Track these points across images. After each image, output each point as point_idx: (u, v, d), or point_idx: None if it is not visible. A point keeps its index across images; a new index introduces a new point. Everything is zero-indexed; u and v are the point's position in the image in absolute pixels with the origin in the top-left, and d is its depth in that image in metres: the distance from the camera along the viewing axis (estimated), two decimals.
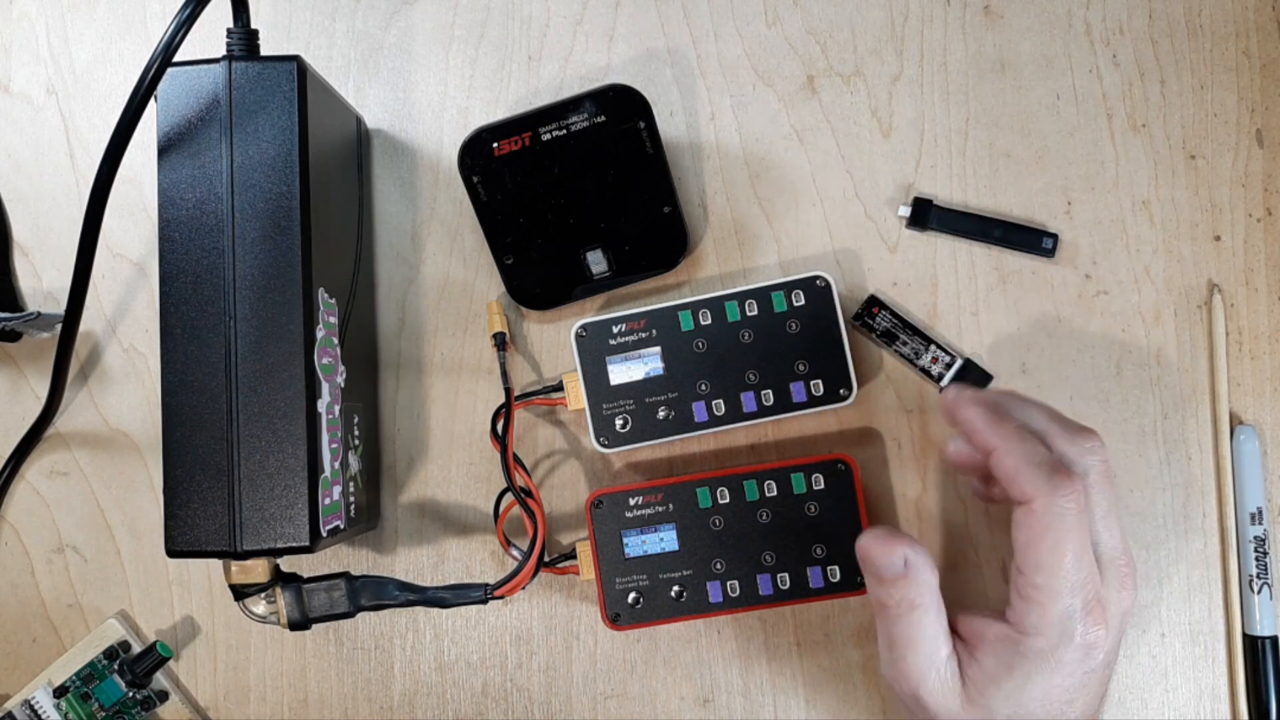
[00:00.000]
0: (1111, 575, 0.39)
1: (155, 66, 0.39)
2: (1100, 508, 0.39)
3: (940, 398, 0.42)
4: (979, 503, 0.49)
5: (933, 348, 0.49)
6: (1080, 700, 0.38)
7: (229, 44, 0.42)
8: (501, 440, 0.47)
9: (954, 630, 0.40)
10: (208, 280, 0.40)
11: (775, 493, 0.47)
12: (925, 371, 0.49)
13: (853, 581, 0.46)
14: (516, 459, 0.48)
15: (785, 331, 0.47)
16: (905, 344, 0.49)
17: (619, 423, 0.47)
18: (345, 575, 0.44)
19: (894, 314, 0.49)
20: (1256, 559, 0.48)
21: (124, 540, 0.51)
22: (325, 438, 0.42)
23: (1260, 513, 0.48)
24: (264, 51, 0.42)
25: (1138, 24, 0.50)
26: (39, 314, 0.49)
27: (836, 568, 0.46)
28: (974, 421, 0.40)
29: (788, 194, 0.50)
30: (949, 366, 0.49)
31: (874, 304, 0.49)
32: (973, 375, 0.49)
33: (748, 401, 0.47)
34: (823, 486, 0.47)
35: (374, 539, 0.50)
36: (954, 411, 0.41)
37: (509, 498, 0.48)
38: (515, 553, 0.48)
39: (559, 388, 0.48)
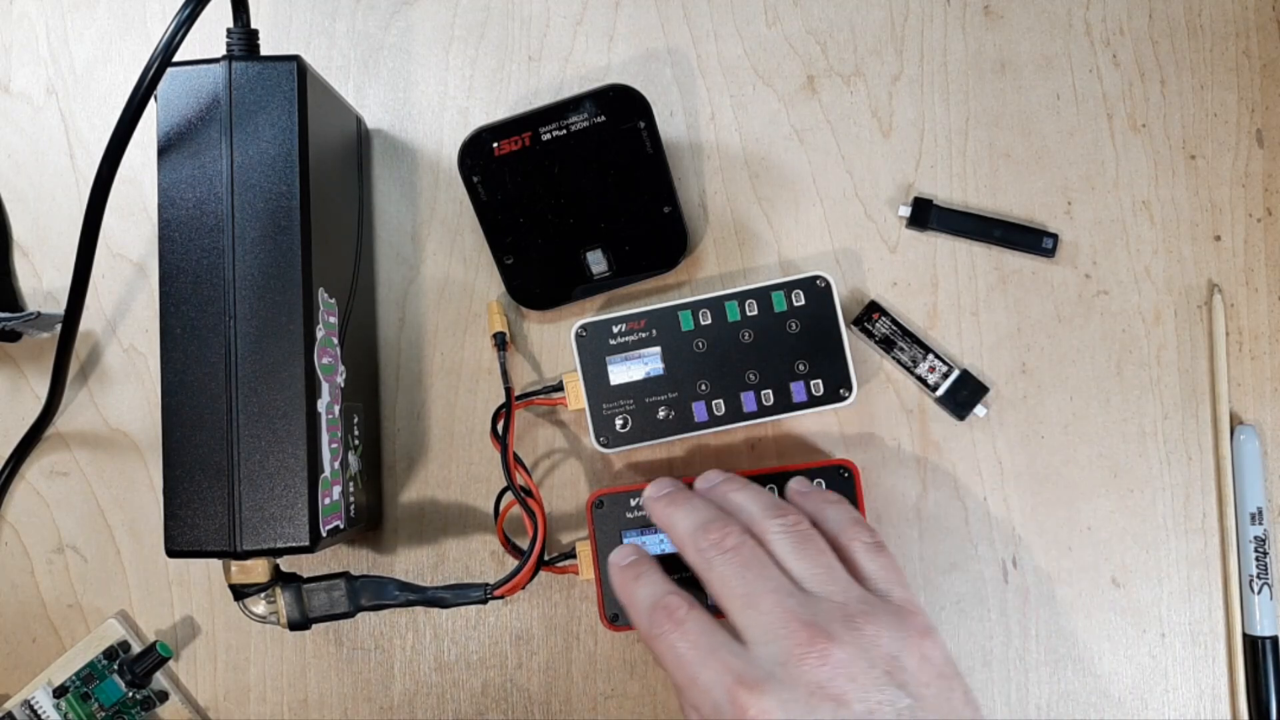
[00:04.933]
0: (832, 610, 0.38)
1: (155, 66, 0.38)
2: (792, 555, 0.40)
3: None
4: (979, 504, 0.50)
5: (930, 357, 0.49)
6: None
7: (229, 44, 0.42)
8: (502, 440, 0.47)
9: None
10: (208, 280, 0.40)
11: (776, 494, 0.47)
12: (922, 380, 0.49)
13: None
14: (517, 458, 0.48)
15: (785, 331, 0.47)
16: (904, 351, 0.49)
17: (619, 423, 0.47)
18: (345, 575, 0.44)
19: (894, 321, 0.49)
20: (1256, 559, 0.48)
21: (124, 540, 0.51)
22: (325, 438, 0.42)
23: (1260, 513, 0.48)
24: (264, 51, 0.42)
25: (1138, 24, 0.50)
26: (39, 314, 0.49)
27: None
28: (647, 503, 0.44)
29: (788, 194, 0.50)
30: (945, 376, 0.49)
31: (874, 310, 0.49)
32: (969, 386, 0.49)
33: (748, 401, 0.47)
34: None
35: (374, 539, 0.50)
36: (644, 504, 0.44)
37: (509, 497, 0.48)
38: (515, 551, 0.48)
39: (559, 388, 0.48)
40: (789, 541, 0.40)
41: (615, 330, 0.47)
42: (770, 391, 0.47)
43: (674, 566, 0.46)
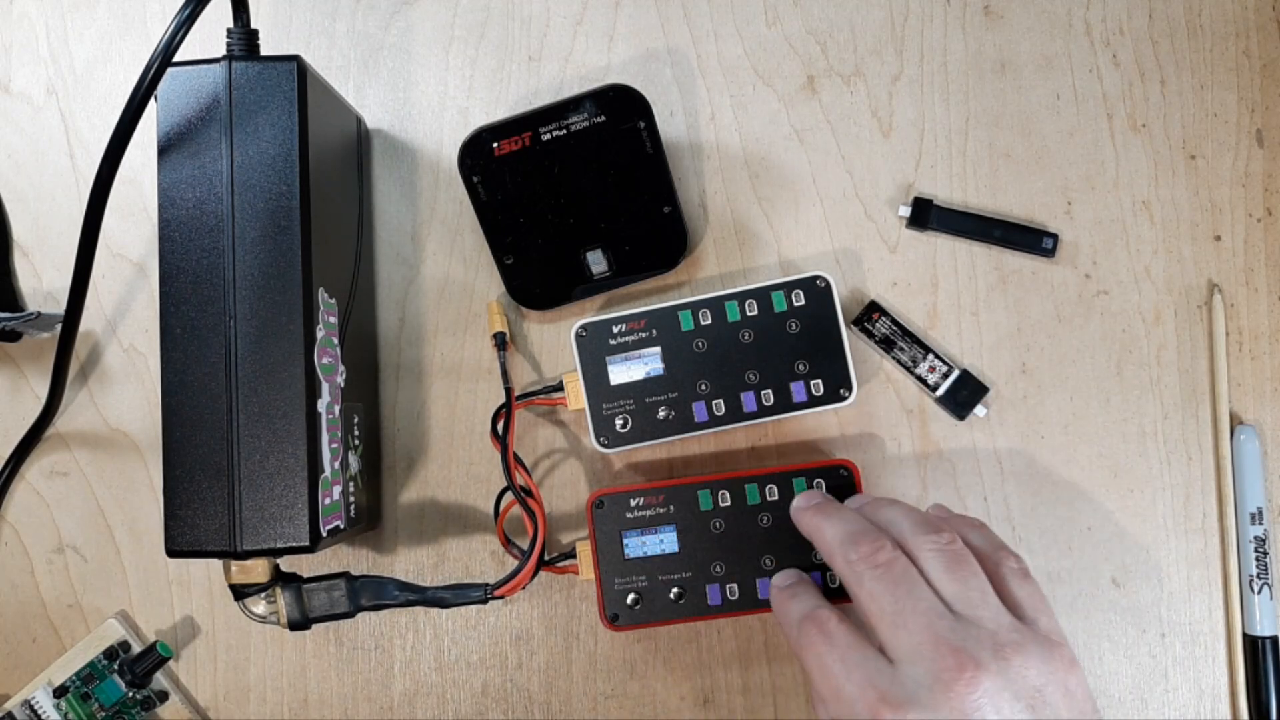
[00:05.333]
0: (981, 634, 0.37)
1: (155, 66, 0.38)
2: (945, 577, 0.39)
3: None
4: (979, 504, 0.50)
5: (930, 357, 0.49)
6: None
7: (229, 44, 0.42)
8: (502, 440, 0.47)
9: None
10: (208, 280, 0.40)
11: (777, 497, 0.47)
12: (922, 380, 0.49)
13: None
14: (517, 458, 0.48)
15: (785, 331, 0.47)
16: (904, 351, 0.49)
17: (619, 423, 0.47)
18: (345, 575, 0.44)
19: (894, 321, 0.49)
20: (1256, 559, 0.48)
21: (124, 540, 0.51)
22: (325, 438, 0.42)
23: (1260, 513, 0.48)
24: (264, 51, 0.42)
25: (1138, 24, 0.50)
26: (39, 314, 0.49)
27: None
28: (798, 515, 0.44)
29: (788, 194, 0.50)
30: (945, 376, 0.49)
31: (874, 310, 0.49)
32: (969, 386, 0.49)
33: (748, 401, 0.47)
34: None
35: (374, 539, 0.50)
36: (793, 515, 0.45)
37: (509, 497, 0.48)
38: (516, 552, 0.48)
39: (559, 388, 0.48)
40: (942, 561, 0.39)
41: (615, 330, 0.47)
42: (770, 391, 0.47)
43: (674, 568, 0.47)
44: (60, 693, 0.49)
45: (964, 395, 0.49)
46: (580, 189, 0.48)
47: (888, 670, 0.36)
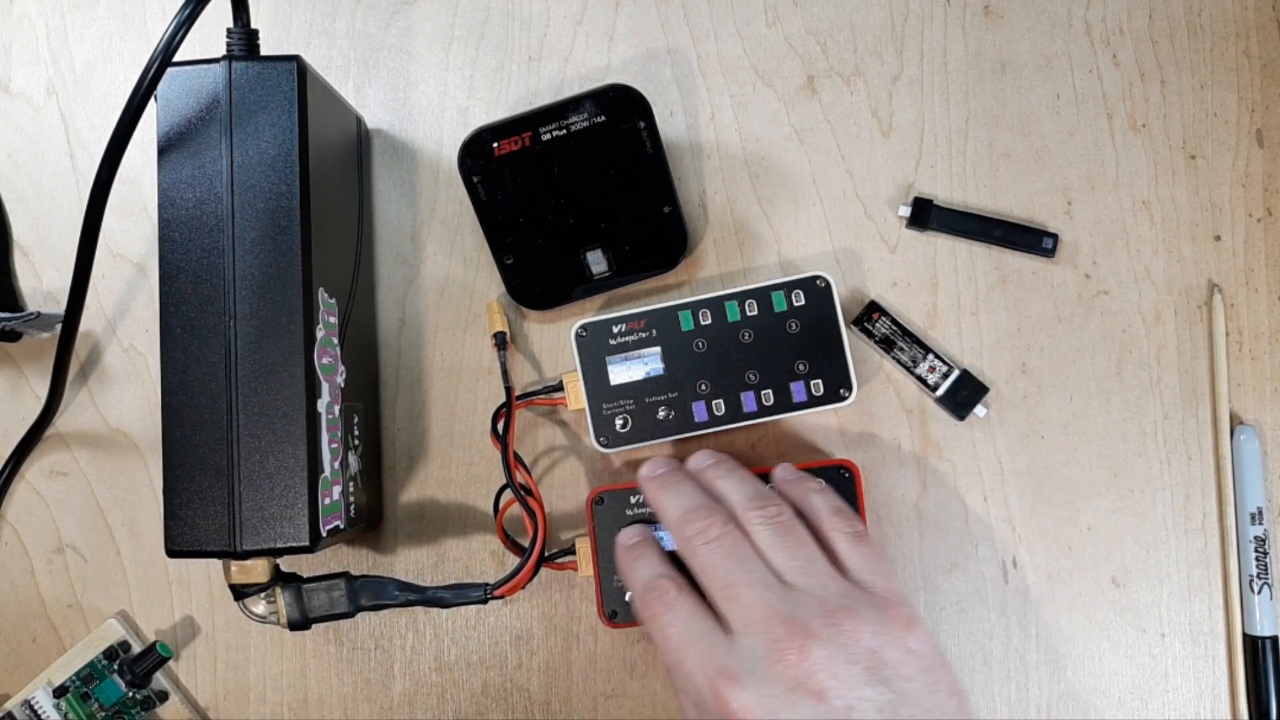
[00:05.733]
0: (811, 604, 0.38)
1: (155, 66, 0.38)
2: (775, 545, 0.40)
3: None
4: (979, 504, 0.49)
5: (930, 357, 0.49)
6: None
7: (229, 44, 0.42)
8: (502, 440, 0.47)
9: None
10: (208, 280, 0.40)
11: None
12: (922, 380, 0.49)
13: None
14: (517, 458, 0.48)
15: (785, 331, 0.47)
16: (904, 351, 0.49)
17: (619, 423, 0.47)
18: (345, 575, 0.44)
19: (894, 321, 0.49)
20: (1256, 559, 0.48)
21: (124, 540, 0.51)
22: (325, 438, 0.42)
23: (1260, 513, 0.48)
24: (264, 51, 0.42)
25: (1138, 24, 0.50)
26: (39, 314, 0.49)
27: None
28: (642, 481, 0.45)
29: (788, 194, 0.50)
30: (945, 376, 0.49)
31: (874, 310, 0.49)
32: (969, 386, 0.49)
33: (748, 401, 0.47)
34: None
35: (374, 539, 0.50)
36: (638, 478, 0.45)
37: (508, 495, 0.48)
38: (515, 547, 0.48)
39: (559, 387, 0.48)
40: (770, 533, 0.40)
41: (615, 330, 0.47)
42: (770, 391, 0.47)
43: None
44: (60, 693, 0.49)
45: (964, 395, 0.49)
46: (580, 189, 0.48)
47: (725, 642, 0.37)
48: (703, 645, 0.37)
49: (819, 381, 0.47)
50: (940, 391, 0.49)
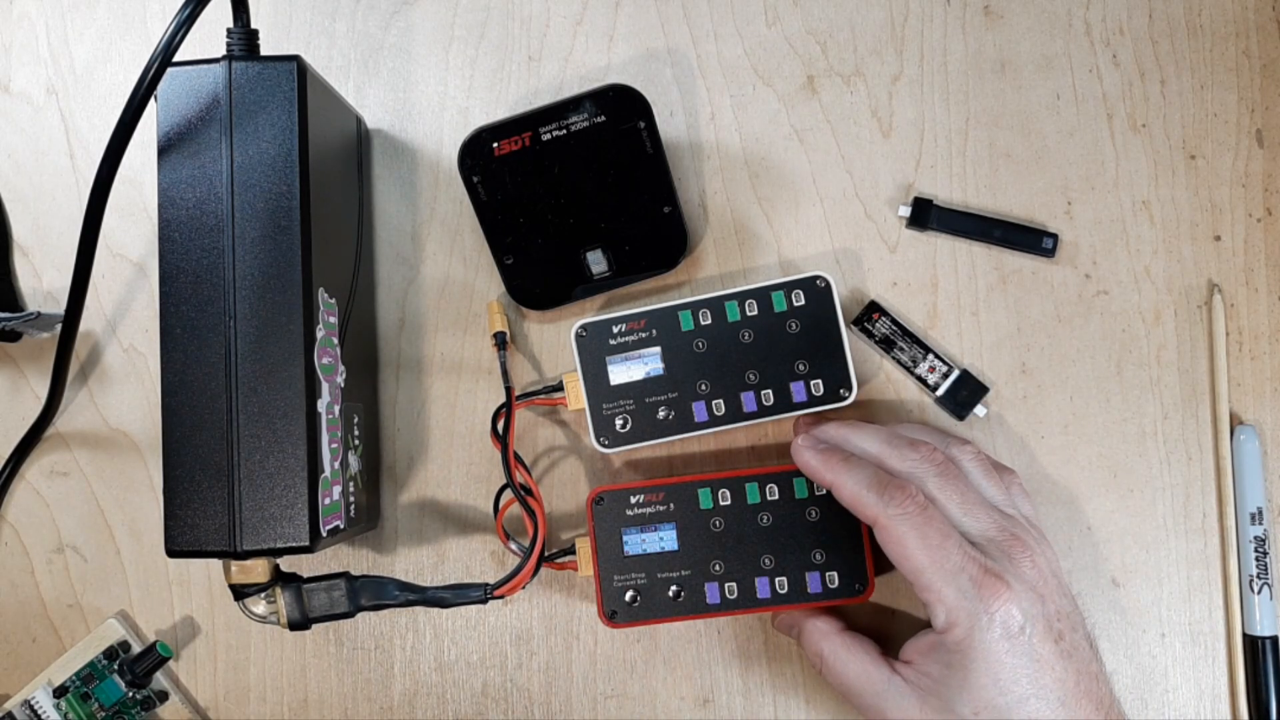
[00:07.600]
0: (993, 549, 0.41)
1: (155, 66, 0.39)
2: (953, 501, 0.42)
3: (792, 450, 0.46)
4: None
5: (930, 357, 0.49)
6: (1046, 677, 0.39)
7: (229, 44, 0.42)
8: (502, 440, 0.47)
9: (900, 657, 0.44)
10: (208, 280, 0.40)
11: (777, 496, 0.47)
12: (922, 380, 0.49)
13: (851, 588, 0.46)
14: (517, 457, 0.48)
15: (785, 331, 0.47)
16: (903, 351, 0.49)
17: (619, 423, 0.47)
18: (345, 575, 0.44)
19: (894, 321, 0.49)
20: (1256, 559, 0.48)
21: (124, 540, 0.51)
22: (325, 438, 0.42)
23: (1260, 513, 0.48)
24: (264, 51, 0.42)
25: (1138, 24, 0.50)
26: (39, 314, 0.49)
27: (835, 573, 0.46)
28: (809, 466, 0.44)
29: (788, 194, 0.50)
30: (945, 376, 0.49)
31: (874, 310, 0.49)
32: (969, 386, 0.49)
33: (748, 401, 0.47)
34: (825, 492, 0.46)
35: (374, 539, 0.50)
36: (796, 461, 0.45)
37: (508, 494, 0.48)
38: (515, 547, 0.48)
39: (559, 387, 0.48)
40: (978, 467, 0.45)
41: (615, 330, 0.47)
42: (770, 391, 0.47)
43: (673, 566, 0.47)
44: (60, 693, 0.49)
45: (964, 395, 0.49)
46: (580, 189, 0.48)
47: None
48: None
49: (819, 381, 0.47)
50: (940, 391, 0.49)
